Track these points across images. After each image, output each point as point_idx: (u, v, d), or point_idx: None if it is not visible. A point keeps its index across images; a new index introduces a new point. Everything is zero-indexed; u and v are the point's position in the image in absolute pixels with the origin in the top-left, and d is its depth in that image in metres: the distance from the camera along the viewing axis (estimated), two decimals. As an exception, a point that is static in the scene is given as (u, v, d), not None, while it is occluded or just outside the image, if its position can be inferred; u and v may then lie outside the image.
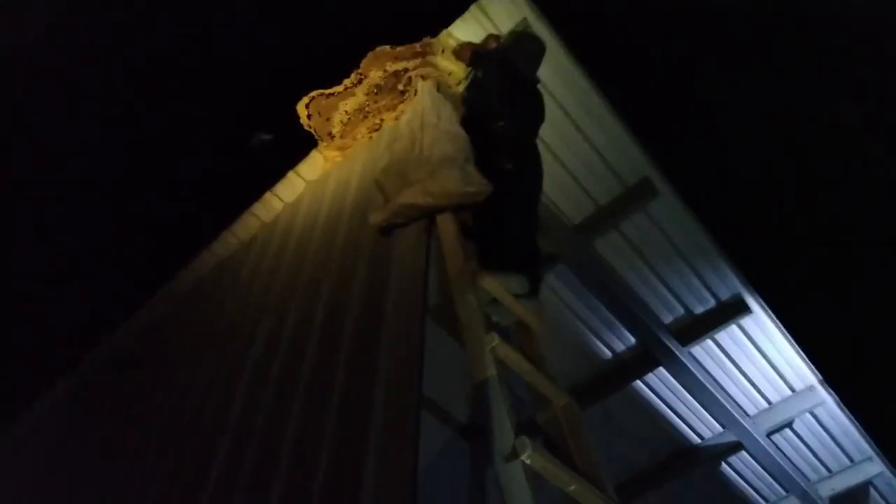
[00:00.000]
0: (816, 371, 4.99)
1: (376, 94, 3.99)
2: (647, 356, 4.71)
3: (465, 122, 3.21)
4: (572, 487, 1.78)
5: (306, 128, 4.20)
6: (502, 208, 2.83)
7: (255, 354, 3.20)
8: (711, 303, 4.78)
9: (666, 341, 4.41)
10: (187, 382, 3.63)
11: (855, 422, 5.24)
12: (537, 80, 3.55)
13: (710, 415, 5.05)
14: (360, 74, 4.02)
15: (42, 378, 5.63)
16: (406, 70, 3.92)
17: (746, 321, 4.75)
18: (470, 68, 3.87)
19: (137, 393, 4.15)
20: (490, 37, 3.85)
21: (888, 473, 5.51)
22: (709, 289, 4.70)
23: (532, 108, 3.36)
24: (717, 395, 4.68)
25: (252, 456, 2.57)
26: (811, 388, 5.06)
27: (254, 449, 2.60)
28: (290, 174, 4.52)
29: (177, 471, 3.02)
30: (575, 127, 4.08)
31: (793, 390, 5.14)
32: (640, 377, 5.03)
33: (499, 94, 3.27)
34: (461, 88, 3.96)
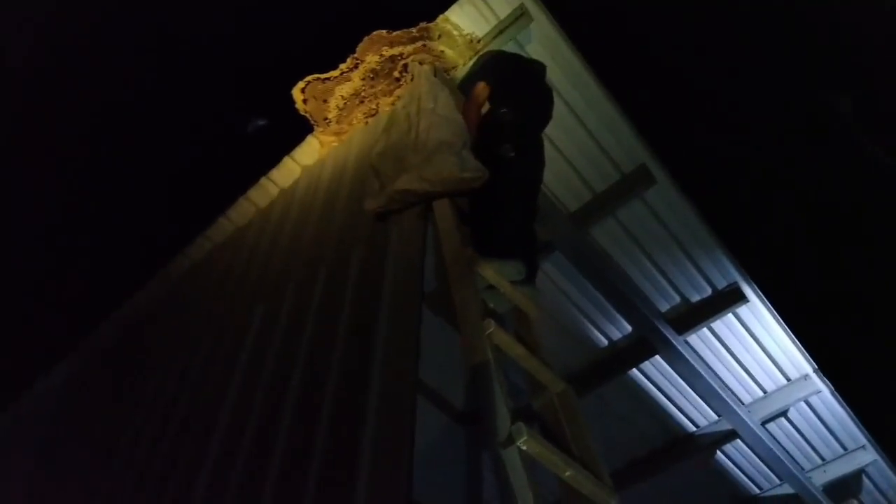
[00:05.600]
0: (811, 360, 5.00)
1: (372, 78, 3.96)
2: (643, 344, 4.71)
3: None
4: (568, 473, 1.78)
5: (302, 112, 4.16)
6: (501, 195, 2.82)
7: (252, 338, 3.19)
8: (707, 291, 4.78)
9: (662, 329, 4.41)
10: (184, 366, 3.62)
11: (849, 411, 5.26)
12: (544, 72, 3.53)
13: (706, 403, 5.06)
14: (357, 59, 3.98)
15: (38, 364, 5.62)
16: (402, 55, 3.88)
17: (742, 310, 4.75)
18: (472, 56, 3.85)
19: (134, 377, 4.14)
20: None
21: (881, 462, 5.54)
22: (705, 277, 4.70)
23: (538, 100, 3.34)
24: (713, 383, 4.69)
25: (249, 438, 2.58)
26: (806, 377, 5.08)
27: (251, 431, 2.61)
28: (286, 159, 4.49)
29: (175, 454, 3.01)
30: (572, 114, 4.05)
31: (788, 379, 5.15)
32: (635, 365, 5.03)
33: (503, 81, 3.25)
34: (460, 74, 3.94)
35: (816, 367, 5.03)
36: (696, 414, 5.45)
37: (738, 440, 5.22)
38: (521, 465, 1.67)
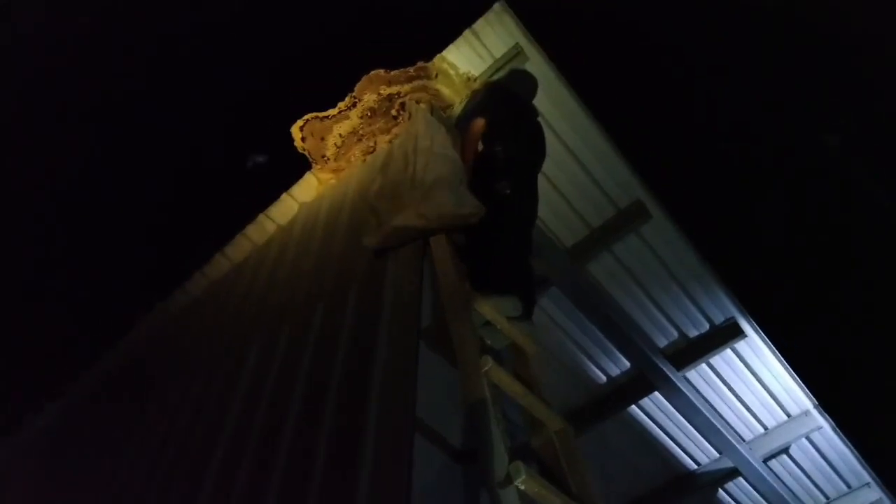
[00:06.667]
0: (812, 396, 4.96)
1: (370, 117, 4.01)
2: (642, 380, 4.68)
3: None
4: (567, 513, 1.75)
5: (300, 150, 4.21)
6: (497, 231, 2.83)
7: (248, 375, 3.17)
8: (705, 326, 4.77)
9: (660, 365, 4.38)
10: (180, 402, 3.59)
11: (851, 447, 5.20)
12: (537, 113, 3.58)
13: (706, 440, 5.00)
14: (355, 98, 4.04)
15: (34, 399, 5.57)
16: (400, 94, 3.94)
17: (741, 345, 4.73)
18: (468, 94, 3.91)
19: (131, 411, 4.10)
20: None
21: (886, 500, 5.46)
22: (702, 312, 4.69)
23: (532, 137, 3.38)
24: (713, 419, 4.64)
25: (244, 478, 2.54)
26: (807, 412, 5.04)
27: (246, 471, 2.57)
28: (284, 196, 4.52)
29: (168, 489, 2.96)
30: (567, 150, 4.10)
31: (788, 415, 5.11)
32: (634, 402, 4.99)
33: (497, 118, 3.29)
34: (456, 112, 4.00)
35: (817, 402, 4.99)
36: (696, 451, 5.38)
37: (740, 478, 5.14)
38: (520, 505, 1.64)
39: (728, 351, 4.76)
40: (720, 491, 5.49)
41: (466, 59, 3.98)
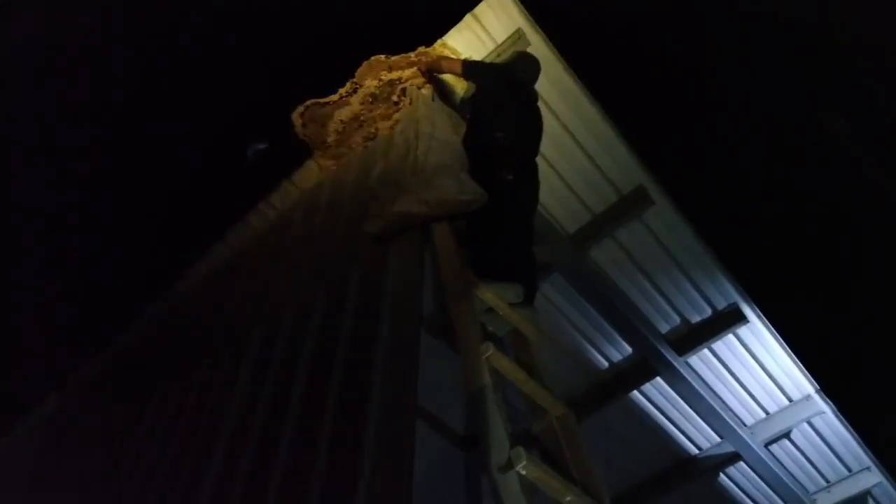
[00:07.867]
0: (813, 380, 4.97)
1: (371, 103, 3.99)
2: (644, 366, 4.69)
3: (467, 135, 3.23)
4: (568, 499, 1.76)
5: (301, 137, 4.19)
6: (499, 217, 2.83)
7: (250, 364, 3.18)
8: (707, 312, 4.77)
9: (662, 351, 4.39)
10: (183, 391, 3.60)
11: (853, 432, 5.22)
12: (538, 97, 3.55)
13: (708, 425, 5.02)
14: (355, 83, 4.01)
15: (35, 389, 5.59)
16: (401, 79, 3.92)
17: (743, 330, 4.73)
18: (467, 80, 3.87)
19: (133, 402, 4.11)
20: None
21: (886, 483, 5.48)
22: (705, 298, 4.69)
23: (532, 123, 3.37)
24: (715, 405, 4.65)
25: (246, 466, 2.55)
26: (808, 397, 5.05)
27: (248, 459, 2.58)
28: (285, 183, 4.51)
29: (170, 484, 2.98)
30: (569, 135, 4.08)
31: (790, 400, 5.12)
32: (636, 387, 5.00)
33: (496, 106, 3.28)
34: (457, 98, 3.97)
35: (818, 387, 5.00)
36: (698, 436, 5.40)
37: (742, 462, 5.16)
38: (521, 490, 1.65)
39: (730, 336, 4.76)
40: (721, 475, 5.52)
41: (468, 44, 3.94)
